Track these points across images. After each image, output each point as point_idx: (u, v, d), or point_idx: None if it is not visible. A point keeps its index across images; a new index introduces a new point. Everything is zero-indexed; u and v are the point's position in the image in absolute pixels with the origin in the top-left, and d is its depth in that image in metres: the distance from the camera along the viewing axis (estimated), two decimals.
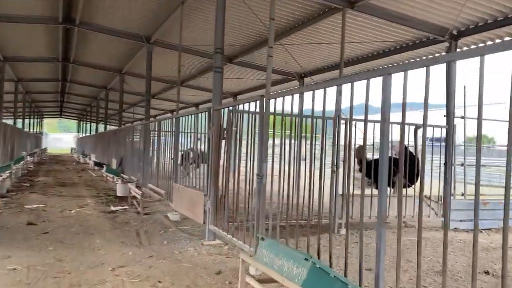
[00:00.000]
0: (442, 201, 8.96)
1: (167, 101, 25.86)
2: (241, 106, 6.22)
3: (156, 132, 11.23)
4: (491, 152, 26.67)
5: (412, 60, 11.42)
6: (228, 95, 20.44)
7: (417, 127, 8.91)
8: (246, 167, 6.48)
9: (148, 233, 7.31)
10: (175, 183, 8.77)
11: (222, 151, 6.78)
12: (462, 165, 9.27)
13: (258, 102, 5.16)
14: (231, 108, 6.48)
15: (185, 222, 8.45)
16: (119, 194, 11.61)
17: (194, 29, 11.72)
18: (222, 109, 6.75)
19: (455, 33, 8.87)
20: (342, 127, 5.36)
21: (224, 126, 6.78)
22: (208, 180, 6.87)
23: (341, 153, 4.41)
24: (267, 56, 5.03)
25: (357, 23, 9.31)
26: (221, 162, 6.77)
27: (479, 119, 2.78)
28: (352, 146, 4.28)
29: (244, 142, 6.24)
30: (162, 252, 6.16)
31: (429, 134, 9.11)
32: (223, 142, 6.80)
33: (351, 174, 4.05)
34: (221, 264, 5.62)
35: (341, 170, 5.00)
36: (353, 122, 4.50)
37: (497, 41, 9.07)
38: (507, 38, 8.88)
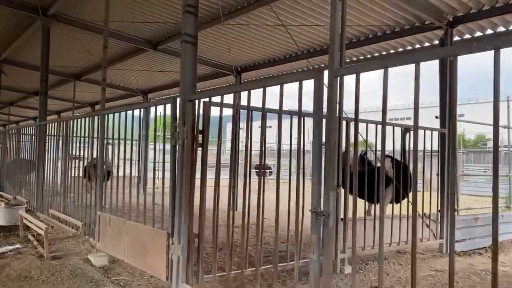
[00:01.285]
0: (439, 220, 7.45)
1: (53, 99, 21.41)
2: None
3: (59, 136, 8.14)
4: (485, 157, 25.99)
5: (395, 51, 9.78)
6: (137, 92, 17.32)
7: (406, 129, 7.33)
8: (230, 188, 4.25)
9: None
10: (101, 211, 5.97)
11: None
12: None
13: (314, 81, 2.88)
14: (218, 97, 4.09)
15: (116, 267, 5.75)
16: (1, 223, 8.30)
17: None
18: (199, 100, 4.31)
19: (451, 19, 7.45)
20: None
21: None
22: (178, 212, 4.34)
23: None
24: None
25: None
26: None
27: None
28: None
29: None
30: None
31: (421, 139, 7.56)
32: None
33: None
34: None
35: None
36: None
37: (489, 31, 7.90)
38: (501, 28, 7.73)
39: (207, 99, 4.30)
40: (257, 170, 5.49)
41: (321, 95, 2.86)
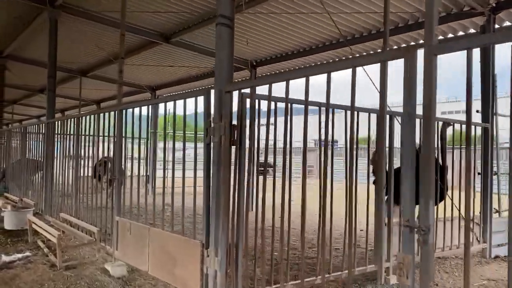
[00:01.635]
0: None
1: (57, 96, 20.74)
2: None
3: (70, 134, 7.59)
4: None
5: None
6: (145, 89, 16.72)
7: (446, 124, 6.73)
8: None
9: None
10: (119, 216, 5.41)
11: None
12: (495, 173, 7.31)
13: (405, 61, 2.31)
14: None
15: (136, 277, 5.20)
16: (8, 227, 7.79)
17: None
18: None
19: (494, 4, 6.87)
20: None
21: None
22: (214, 219, 3.78)
23: None
24: None
25: None
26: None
27: None
28: None
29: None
30: None
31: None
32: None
33: None
34: None
35: None
36: None
37: None
38: None
39: (247, 90, 3.74)
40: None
41: (415, 79, 2.30)
